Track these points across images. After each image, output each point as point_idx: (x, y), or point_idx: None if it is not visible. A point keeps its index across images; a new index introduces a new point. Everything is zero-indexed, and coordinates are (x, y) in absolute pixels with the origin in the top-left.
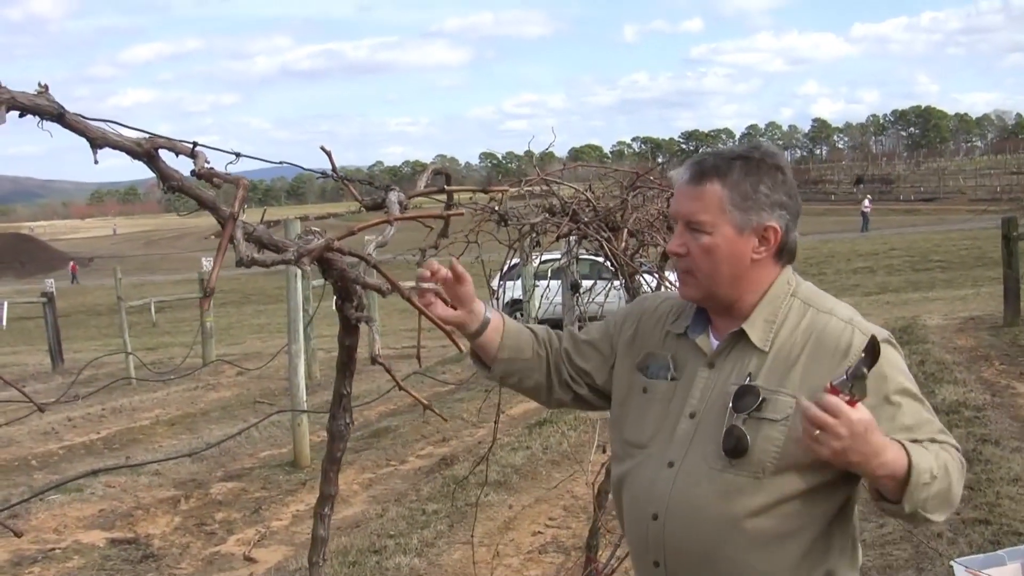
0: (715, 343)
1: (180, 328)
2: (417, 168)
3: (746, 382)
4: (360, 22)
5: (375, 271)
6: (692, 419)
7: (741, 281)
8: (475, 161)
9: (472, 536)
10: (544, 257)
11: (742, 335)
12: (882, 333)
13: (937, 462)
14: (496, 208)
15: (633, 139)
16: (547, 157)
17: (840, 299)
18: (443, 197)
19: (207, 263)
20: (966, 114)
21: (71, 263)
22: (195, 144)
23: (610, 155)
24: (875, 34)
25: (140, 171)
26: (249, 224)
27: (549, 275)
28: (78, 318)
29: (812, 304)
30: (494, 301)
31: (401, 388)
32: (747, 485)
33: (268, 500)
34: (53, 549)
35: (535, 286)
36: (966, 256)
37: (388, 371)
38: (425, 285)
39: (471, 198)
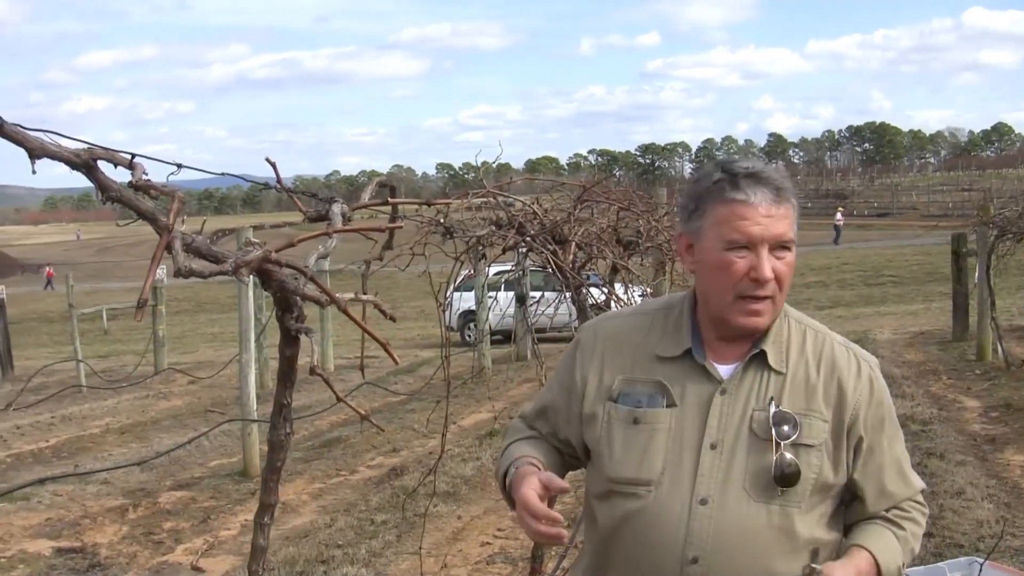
0: (720, 367)
1: (132, 336)
2: (373, 178)
3: (771, 406)
4: (318, 32)
5: (313, 283)
6: (714, 450)
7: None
8: (432, 171)
9: (420, 547)
10: (497, 269)
11: (757, 357)
12: (873, 360)
13: (904, 548)
14: (442, 221)
15: (590, 151)
16: (503, 168)
17: None
18: (388, 209)
19: (162, 272)
20: (920, 131)
21: (47, 268)
22: (133, 156)
23: (566, 167)
24: (830, 51)
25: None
26: (188, 235)
27: (502, 287)
28: (29, 325)
29: (805, 324)
30: (445, 314)
31: (340, 400)
32: (793, 514)
33: (217, 510)
34: None
35: (488, 297)
36: (917, 271)
37: (327, 383)
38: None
39: (417, 211)
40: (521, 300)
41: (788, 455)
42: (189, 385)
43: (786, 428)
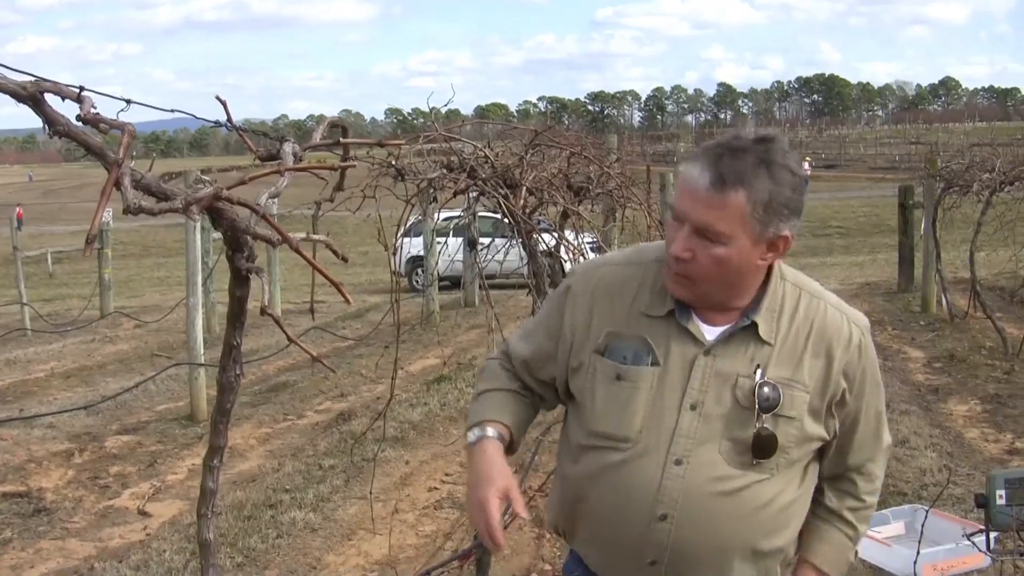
0: (706, 328)
1: (78, 280)
2: (322, 121)
3: (757, 375)
4: None
5: (265, 221)
6: (694, 411)
7: (739, 286)
8: (380, 117)
9: (369, 492)
10: (446, 214)
11: (748, 326)
12: (864, 322)
13: (856, 543)
14: (393, 163)
15: (539, 99)
16: (453, 115)
17: None
18: (340, 150)
19: (107, 215)
20: (868, 83)
21: (17, 208)
22: (81, 89)
23: (516, 114)
24: (780, 1)
25: (39, 120)
26: (138, 171)
27: (451, 232)
28: None
29: (802, 287)
30: (394, 258)
31: (291, 339)
32: (764, 481)
33: (164, 454)
34: None
35: (437, 243)
36: (864, 223)
37: (278, 323)
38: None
39: (368, 152)
40: (472, 244)
41: (768, 426)
42: (135, 329)
43: (769, 398)
